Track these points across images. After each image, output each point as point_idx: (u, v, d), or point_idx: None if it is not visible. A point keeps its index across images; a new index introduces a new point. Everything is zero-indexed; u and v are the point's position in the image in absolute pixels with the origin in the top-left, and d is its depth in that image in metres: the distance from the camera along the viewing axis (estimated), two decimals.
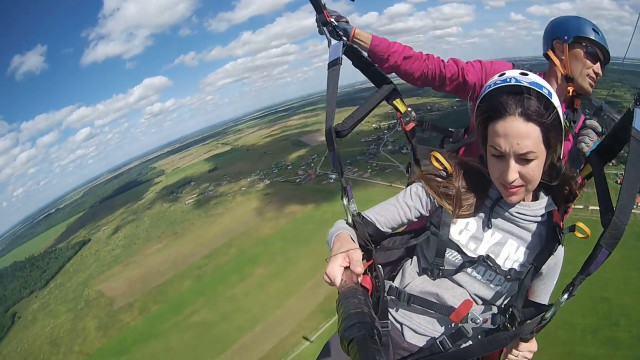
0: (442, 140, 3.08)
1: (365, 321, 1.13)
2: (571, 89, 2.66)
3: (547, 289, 2.04)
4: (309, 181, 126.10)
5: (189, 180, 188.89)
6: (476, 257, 1.86)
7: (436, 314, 1.92)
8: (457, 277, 1.93)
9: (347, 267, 1.52)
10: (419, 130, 2.77)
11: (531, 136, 1.55)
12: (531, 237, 1.89)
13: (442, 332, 1.92)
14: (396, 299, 1.98)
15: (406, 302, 1.95)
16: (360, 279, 1.53)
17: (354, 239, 1.86)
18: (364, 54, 2.66)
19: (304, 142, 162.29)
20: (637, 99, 1.81)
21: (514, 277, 1.84)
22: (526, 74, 1.60)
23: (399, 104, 2.57)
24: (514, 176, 1.62)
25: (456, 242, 1.89)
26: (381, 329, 1.58)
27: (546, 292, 2.04)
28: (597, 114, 2.46)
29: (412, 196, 2.01)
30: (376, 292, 1.93)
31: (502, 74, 1.65)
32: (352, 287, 1.36)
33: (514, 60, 2.81)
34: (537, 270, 1.84)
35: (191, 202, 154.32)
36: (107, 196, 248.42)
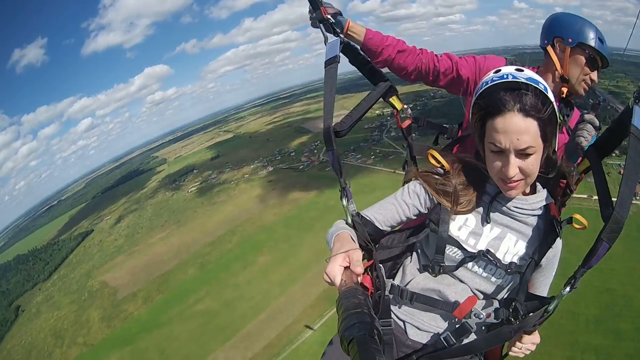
0: (437, 136, 3.11)
1: (365, 321, 1.13)
2: (565, 89, 2.70)
3: (546, 280, 2.07)
4: (312, 168, 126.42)
5: (192, 168, 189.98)
6: (476, 252, 1.89)
7: (439, 311, 1.95)
8: (458, 273, 1.95)
9: (347, 267, 1.54)
10: (415, 127, 2.81)
11: (530, 131, 1.58)
12: (529, 231, 1.92)
13: (446, 328, 1.95)
14: (399, 297, 1.99)
15: (409, 300, 1.96)
16: (360, 279, 1.55)
17: (354, 239, 1.87)
18: (361, 52, 2.65)
19: (307, 129, 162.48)
20: (637, 96, 1.82)
21: (514, 271, 1.87)
22: (522, 70, 1.64)
23: (395, 101, 2.60)
24: (514, 171, 1.65)
25: (456, 238, 1.91)
26: (383, 328, 1.63)
27: (545, 285, 2.08)
28: (595, 108, 2.43)
29: (411, 194, 2.03)
30: (377, 292, 1.93)
31: (498, 71, 1.68)
32: (352, 287, 1.37)
33: (518, 48, 2.63)
34: (536, 263, 1.88)
35: (194, 190, 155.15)
36: (109, 186, 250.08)
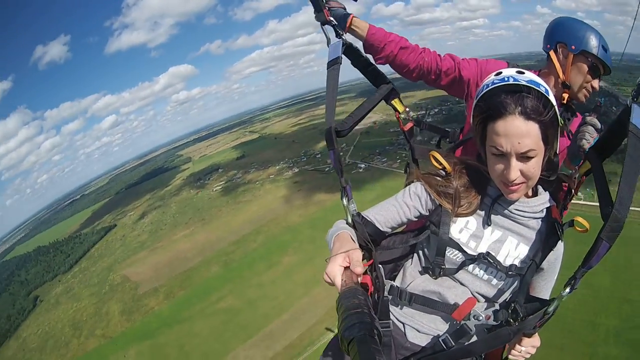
0: (440, 140, 3.15)
1: (365, 321, 1.15)
2: (566, 96, 2.72)
3: (547, 284, 2.07)
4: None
5: (217, 167, 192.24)
6: (476, 254, 1.90)
7: (438, 313, 1.96)
8: (458, 276, 1.96)
9: (347, 267, 1.55)
10: (417, 131, 2.90)
11: (531, 134, 1.59)
12: (531, 234, 1.93)
13: (445, 331, 1.95)
14: (397, 298, 2.02)
15: (408, 301, 1.99)
16: (360, 279, 1.56)
17: (354, 239, 1.89)
18: (364, 54, 2.69)
19: None
20: (635, 94, 1.86)
21: (515, 273, 1.88)
22: (523, 73, 1.65)
23: (397, 103, 2.66)
24: (515, 174, 1.66)
25: (456, 240, 1.93)
26: (382, 329, 1.60)
27: (547, 289, 2.08)
28: (596, 110, 2.50)
29: (412, 195, 2.06)
30: (376, 292, 1.96)
31: (499, 73, 1.68)
32: (352, 287, 1.39)
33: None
34: (537, 265, 1.88)
35: (219, 189, 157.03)
36: (133, 183, 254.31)
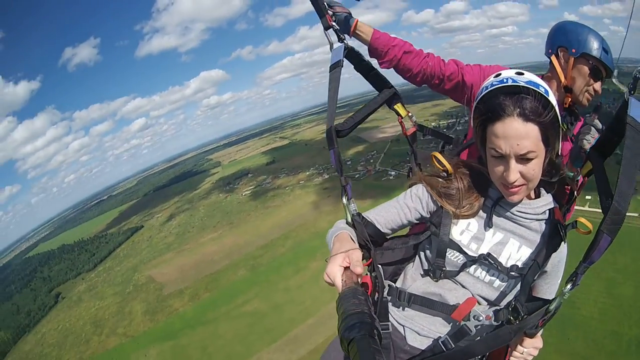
0: (443, 146, 3.14)
1: (365, 321, 1.16)
2: (569, 100, 2.75)
3: (551, 288, 2.06)
4: (367, 177, 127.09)
5: (246, 172, 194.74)
6: (477, 256, 1.91)
7: (439, 314, 1.96)
8: (459, 278, 1.96)
9: (347, 267, 1.56)
10: (420, 135, 2.94)
11: (530, 136, 1.59)
12: (533, 236, 1.93)
13: (446, 333, 1.94)
14: (396, 299, 2.03)
15: (407, 302, 1.99)
16: (360, 279, 1.57)
17: (354, 239, 1.93)
18: (366, 58, 2.73)
19: (363, 139, 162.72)
20: (631, 87, 1.87)
21: (516, 274, 1.87)
22: (522, 73, 1.66)
23: (400, 108, 2.67)
24: (515, 176, 1.67)
25: (457, 242, 1.94)
26: (381, 330, 1.61)
27: (550, 292, 2.06)
28: (597, 111, 2.54)
29: (413, 197, 2.08)
30: (376, 292, 1.99)
31: (498, 75, 1.69)
32: (352, 287, 1.39)
33: None
34: (539, 266, 1.87)
35: (248, 193, 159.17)
36: (162, 185, 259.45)
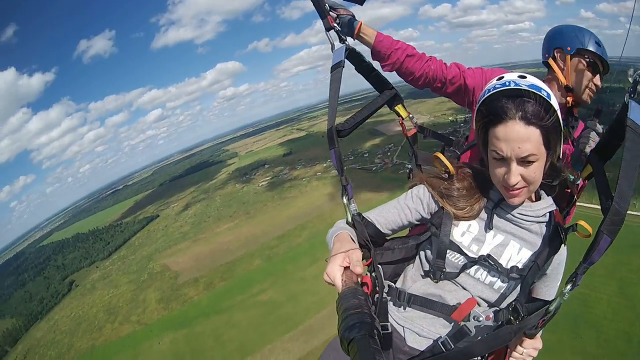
0: (443, 148, 3.14)
1: (365, 321, 1.17)
2: (570, 99, 2.78)
3: (551, 290, 2.08)
4: (385, 170, 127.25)
5: (263, 163, 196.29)
6: (477, 257, 1.93)
7: (438, 315, 1.97)
8: (459, 280, 1.98)
9: (347, 267, 1.58)
10: (421, 137, 3.00)
11: (532, 139, 1.61)
12: (533, 238, 1.95)
13: (445, 334, 1.95)
14: (396, 299, 2.05)
15: (406, 302, 2.02)
16: (360, 279, 1.59)
17: (354, 239, 1.95)
18: (366, 59, 2.75)
19: (380, 131, 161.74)
20: (631, 90, 1.88)
21: (517, 275, 1.89)
22: (524, 77, 1.68)
23: (400, 109, 2.72)
24: (516, 179, 1.69)
25: (457, 243, 1.95)
26: (381, 330, 1.61)
27: (550, 295, 2.08)
28: (598, 115, 2.55)
29: (413, 198, 2.10)
30: (376, 292, 2.00)
31: (501, 78, 1.72)
32: (352, 287, 1.41)
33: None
34: (539, 267, 1.88)
35: (264, 184, 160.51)
36: (178, 175, 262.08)
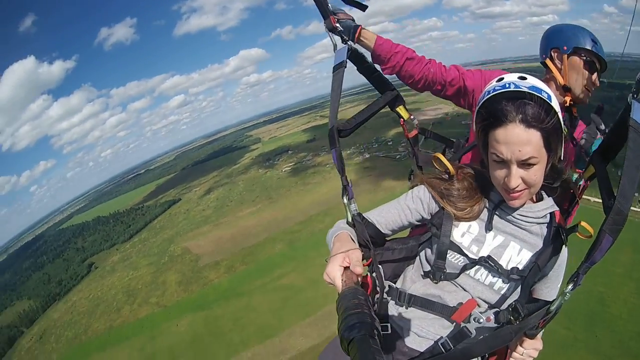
0: (444, 149, 3.22)
1: (365, 321, 1.18)
2: (568, 99, 2.78)
3: (551, 292, 2.05)
4: (408, 158, 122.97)
5: (286, 149, 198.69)
6: (477, 258, 1.92)
7: (438, 316, 1.96)
8: (459, 281, 1.97)
9: (347, 267, 1.59)
10: (421, 138, 3.04)
11: (532, 142, 1.60)
12: (534, 239, 1.94)
13: (445, 335, 1.94)
14: (396, 299, 2.05)
15: (406, 303, 2.01)
16: (360, 279, 1.60)
17: (354, 239, 1.96)
18: (369, 60, 2.77)
19: None
20: (635, 91, 1.85)
21: (517, 276, 1.88)
22: (525, 78, 1.68)
23: (402, 110, 2.77)
24: (516, 182, 1.69)
25: (458, 244, 1.95)
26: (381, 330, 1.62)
27: (551, 296, 2.05)
28: (599, 112, 2.58)
29: (414, 199, 2.10)
30: (376, 293, 2.01)
31: (501, 79, 1.71)
32: (352, 287, 1.42)
33: (610, 55, 2.86)
34: (539, 268, 1.87)
35: (288, 169, 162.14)
36: (200, 160, 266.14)
